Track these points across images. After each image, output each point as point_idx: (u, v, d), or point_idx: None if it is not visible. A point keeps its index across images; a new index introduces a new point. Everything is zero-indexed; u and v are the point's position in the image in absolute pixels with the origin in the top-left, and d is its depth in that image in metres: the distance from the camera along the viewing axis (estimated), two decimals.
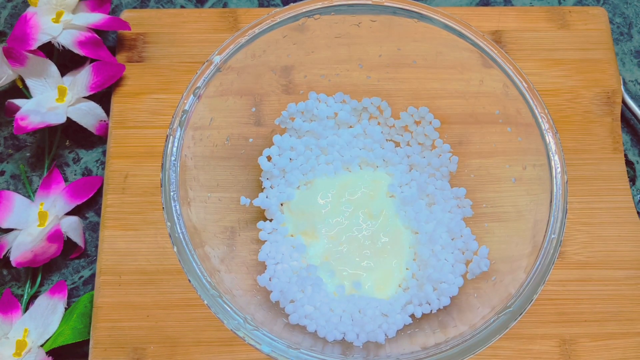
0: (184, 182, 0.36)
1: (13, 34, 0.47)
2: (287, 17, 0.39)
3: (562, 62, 0.50)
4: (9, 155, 0.49)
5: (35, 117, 0.46)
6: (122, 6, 0.53)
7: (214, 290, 0.34)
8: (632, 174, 0.49)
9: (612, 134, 0.48)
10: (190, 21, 0.50)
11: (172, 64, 0.49)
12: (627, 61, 0.52)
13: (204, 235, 0.37)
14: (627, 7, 0.54)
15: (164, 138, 0.37)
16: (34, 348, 0.42)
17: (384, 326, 0.39)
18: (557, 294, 0.44)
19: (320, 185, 0.43)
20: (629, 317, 0.44)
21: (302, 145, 0.44)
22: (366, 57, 0.43)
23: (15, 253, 0.43)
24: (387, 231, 0.42)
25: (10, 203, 0.45)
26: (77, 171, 0.49)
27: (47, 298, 0.43)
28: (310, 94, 0.44)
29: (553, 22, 0.51)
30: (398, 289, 0.41)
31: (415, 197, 0.43)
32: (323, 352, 0.35)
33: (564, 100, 0.49)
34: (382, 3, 0.39)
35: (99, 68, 0.47)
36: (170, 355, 0.42)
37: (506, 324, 0.34)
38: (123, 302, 0.43)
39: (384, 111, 0.45)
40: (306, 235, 0.42)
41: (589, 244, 0.45)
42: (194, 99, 0.37)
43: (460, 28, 0.39)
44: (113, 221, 0.45)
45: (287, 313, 0.39)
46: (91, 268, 0.46)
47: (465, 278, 0.40)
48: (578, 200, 0.46)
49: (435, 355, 0.34)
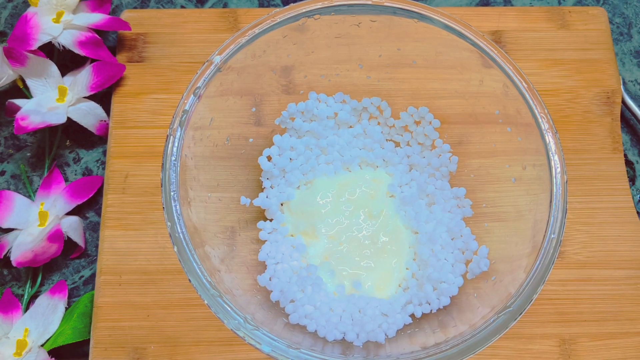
0: (184, 182, 0.36)
1: (13, 34, 0.47)
2: (287, 17, 0.39)
3: (562, 62, 0.50)
4: (10, 155, 0.49)
5: (35, 117, 0.46)
6: (123, 6, 0.53)
7: (214, 290, 0.34)
8: (631, 173, 0.49)
9: (611, 134, 0.48)
10: (190, 21, 0.50)
11: (172, 64, 0.49)
12: (627, 61, 0.52)
13: (204, 235, 0.37)
14: (626, 7, 0.54)
15: (164, 138, 0.37)
16: (35, 348, 0.42)
17: (384, 326, 0.39)
18: (557, 294, 0.44)
19: (320, 185, 0.43)
20: (628, 316, 0.44)
21: (302, 145, 0.44)
22: (366, 57, 0.43)
23: (16, 253, 0.43)
24: (387, 231, 0.42)
25: (11, 203, 0.45)
26: (78, 171, 0.49)
27: (47, 298, 0.44)
28: (310, 94, 0.44)
29: (553, 22, 0.51)
30: (398, 289, 0.41)
31: (415, 197, 0.43)
32: (323, 351, 0.35)
33: (563, 100, 0.49)
34: (382, 3, 0.39)
35: (100, 68, 0.47)
36: (170, 355, 0.42)
37: (506, 324, 0.34)
38: (123, 302, 0.43)
39: (384, 111, 0.45)
40: (306, 235, 0.42)
41: (589, 243, 0.45)
42: (194, 99, 0.37)
43: (460, 28, 0.39)
44: (113, 221, 0.45)
45: (287, 313, 0.39)
46: (91, 268, 0.46)
47: (465, 278, 0.40)
48: (578, 200, 0.46)
49: (435, 354, 0.34)
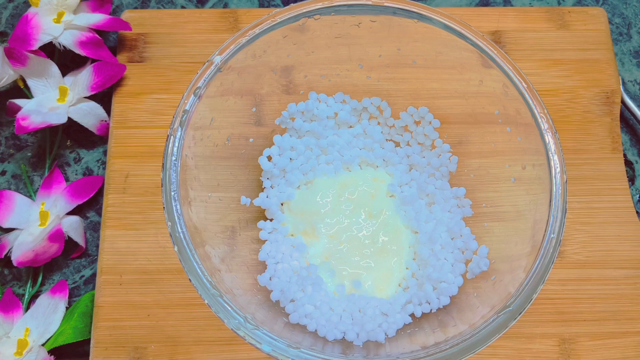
0: (184, 181, 0.36)
1: (14, 34, 0.47)
2: (287, 17, 0.39)
3: (562, 62, 0.50)
4: (10, 155, 0.49)
5: (36, 117, 0.46)
6: (123, 6, 0.53)
7: (215, 289, 0.34)
8: (631, 173, 0.49)
9: (611, 133, 0.48)
10: (190, 21, 0.50)
11: (172, 64, 0.49)
12: (626, 61, 0.52)
13: (205, 235, 0.37)
14: (626, 8, 0.54)
15: (164, 138, 0.37)
16: (35, 347, 0.42)
17: (384, 325, 0.39)
18: (557, 294, 0.44)
19: (320, 185, 0.43)
20: (628, 316, 0.44)
21: (302, 145, 0.44)
22: (366, 57, 0.43)
23: (17, 253, 0.44)
24: (387, 231, 0.42)
25: (12, 203, 0.45)
26: (78, 171, 0.49)
27: (48, 297, 0.44)
28: (310, 94, 0.44)
29: (552, 22, 0.51)
30: (398, 289, 0.41)
31: (415, 196, 0.43)
32: (323, 351, 0.35)
33: (563, 100, 0.49)
34: (382, 3, 0.39)
35: (100, 68, 0.47)
36: (170, 355, 0.42)
37: (506, 324, 0.34)
38: (124, 302, 0.43)
39: (384, 111, 0.45)
40: (306, 234, 0.42)
41: (588, 243, 0.45)
42: (195, 99, 0.37)
43: (460, 28, 0.39)
44: (114, 221, 0.45)
45: (288, 312, 0.39)
46: (92, 267, 0.46)
47: (465, 277, 0.40)
48: (577, 200, 0.46)
49: (435, 354, 0.34)
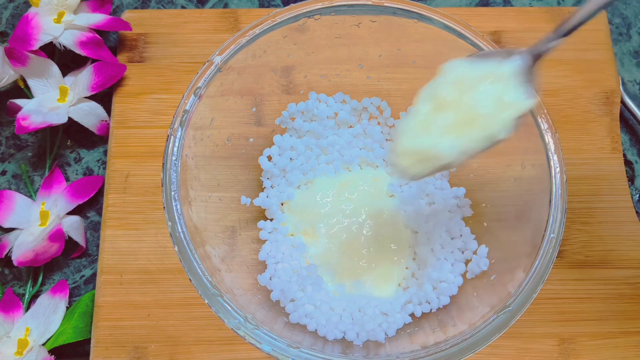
0: (184, 181, 0.36)
1: (15, 34, 0.47)
2: (287, 17, 0.39)
3: (562, 62, 0.50)
4: (11, 155, 0.49)
5: (36, 117, 0.46)
6: (123, 7, 0.53)
7: (215, 289, 0.34)
8: (630, 173, 0.49)
9: (610, 133, 0.48)
10: (191, 21, 0.51)
11: (173, 64, 0.49)
12: (626, 61, 0.52)
13: (205, 235, 0.37)
14: (626, 8, 0.54)
15: (165, 138, 0.37)
16: (36, 347, 0.42)
17: (384, 325, 0.39)
18: (557, 293, 0.44)
19: (320, 184, 0.43)
20: (628, 316, 0.44)
21: (302, 145, 0.44)
22: (366, 57, 0.43)
23: (17, 252, 0.44)
24: (387, 231, 0.42)
25: (12, 202, 0.45)
26: (79, 171, 0.49)
27: (48, 297, 0.44)
28: (310, 94, 0.44)
29: (552, 22, 0.51)
30: (398, 288, 0.41)
31: (415, 196, 0.43)
32: (323, 350, 0.35)
33: (563, 100, 0.49)
34: (382, 3, 0.39)
35: (100, 68, 0.47)
36: (171, 354, 0.42)
37: (505, 323, 0.34)
38: (124, 301, 0.43)
39: (384, 111, 0.45)
40: (306, 234, 0.42)
41: (588, 243, 0.45)
42: (195, 99, 0.37)
43: (460, 28, 0.39)
44: (114, 220, 0.45)
45: (288, 312, 0.39)
46: (92, 267, 0.46)
47: (465, 277, 0.40)
48: (577, 200, 0.46)
49: (435, 354, 0.34)
